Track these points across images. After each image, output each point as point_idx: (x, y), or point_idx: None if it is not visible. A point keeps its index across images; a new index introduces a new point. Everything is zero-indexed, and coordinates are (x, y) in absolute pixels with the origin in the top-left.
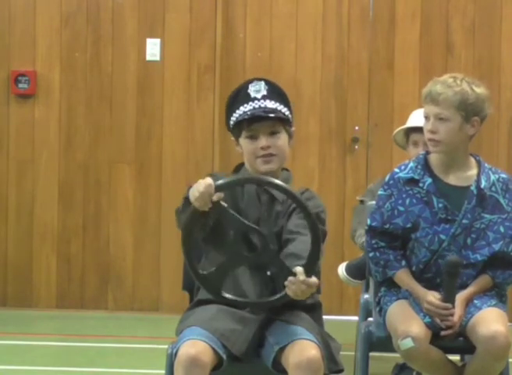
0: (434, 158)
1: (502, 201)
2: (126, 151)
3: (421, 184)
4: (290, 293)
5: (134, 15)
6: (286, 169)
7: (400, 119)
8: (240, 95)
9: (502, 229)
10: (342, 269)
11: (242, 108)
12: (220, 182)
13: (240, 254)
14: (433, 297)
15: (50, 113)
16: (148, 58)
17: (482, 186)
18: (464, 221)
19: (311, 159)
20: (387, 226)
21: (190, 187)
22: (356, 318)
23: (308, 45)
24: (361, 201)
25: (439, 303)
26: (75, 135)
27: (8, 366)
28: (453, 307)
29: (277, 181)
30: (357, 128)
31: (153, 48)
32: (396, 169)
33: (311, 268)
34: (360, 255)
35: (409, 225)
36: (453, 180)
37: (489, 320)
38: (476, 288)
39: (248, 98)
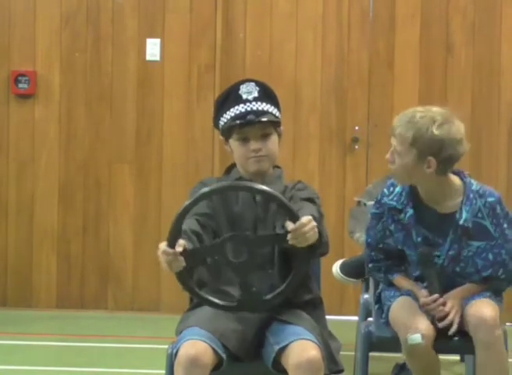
0: (420, 187)
1: (489, 227)
2: (126, 151)
3: (402, 215)
4: (301, 243)
5: (134, 15)
6: (278, 167)
7: None
8: (231, 96)
9: (490, 256)
10: (336, 268)
11: (233, 109)
12: (168, 238)
13: (241, 263)
14: (422, 296)
15: (50, 113)
16: (148, 58)
17: (462, 220)
18: (451, 252)
19: (311, 159)
20: (380, 245)
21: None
22: (356, 318)
23: (308, 45)
24: (358, 202)
25: (427, 299)
26: (75, 135)
27: (8, 366)
28: (441, 296)
29: (217, 185)
30: (357, 128)
31: (153, 48)
32: (385, 191)
33: (292, 216)
34: (357, 255)
35: (399, 246)
36: (438, 207)
37: (478, 307)
38: (468, 287)
39: (239, 100)
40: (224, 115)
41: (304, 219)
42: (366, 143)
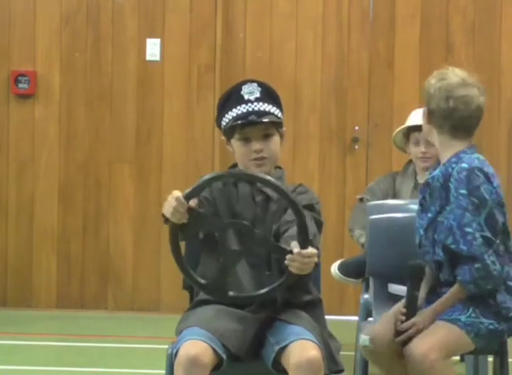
0: None
1: (452, 191)
2: (126, 151)
3: None
4: (293, 270)
5: (134, 15)
6: (279, 167)
7: (399, 119)
8: (233, 97)
9: (445, 221)
10: (335, 268)
11: (235, 110)
12: (188, 191)
13: (232, 251)
14: (400, 304)
15: (50, 113)
16: (148, 58)
17: (429, 178)
18: (429, 215)
19: (311, 159)
20: None
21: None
22: (356, 318)
23: (308, 45)
24: (361, 199)
25: (397, 309)
26: (75, 135)
27: (8, 366)
28: (412, 314)
29: (245, 172)
30: (357, 128)
31: (153, 48)
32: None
33: (305, 240)
34: (356, 255)
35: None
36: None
37: (420, 337)
38: (443, 301)
39: (241, 100)
40: (226, 115)
41: (311, 250)
42: (366, 143)
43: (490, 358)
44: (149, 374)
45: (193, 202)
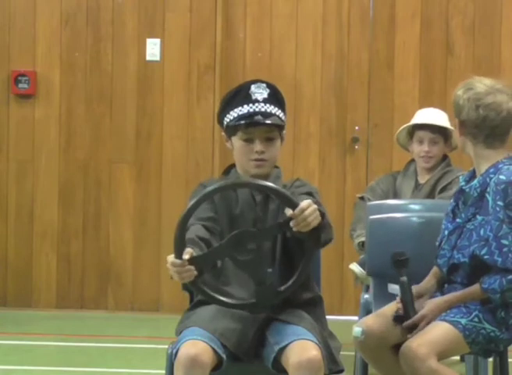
0: None
1: (490, 202)
2: (126, 151)
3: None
4: (304, 229)
5: (134, 15)
6: (276, 166)
7: (400, 119)
8: (241, 95)
9: (482, 231)
10: (356, 266)
11: (241, 108)
12: (174, 249)
13: (242, 261)
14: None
15: (50, 113)
16: (148, 58)
17: (465, 186)
18: (458, 220)
19: (311, 159)
20: None
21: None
22: (356, 318)
23: (308, 45)
24: (361, 198)
25: (396, 303)
26: (75, 135)
27: (8, 366)
28: (408, 305)
29: (242, 180)
30: (357, 128)
31: (153, 48)
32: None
33: (291, 203)
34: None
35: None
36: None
37: (420, 334)
38: (457, 296)
39: (249, 99)
40: (231, 112)
41: (304, 203)
42: (366, 143)
43: (490, 359)
44: (149, 374)
45: (187, 254)
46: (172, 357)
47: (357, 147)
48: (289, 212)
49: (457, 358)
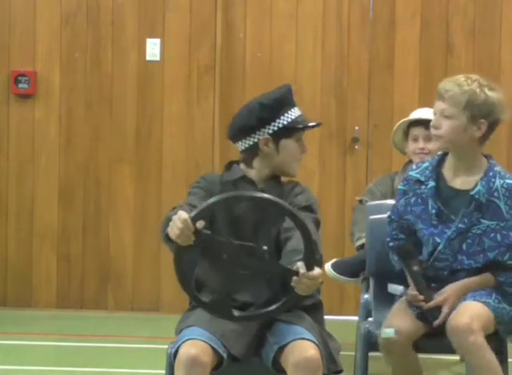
0: (447, 161)
1: (502, 207)
2: (126, 151)
3: (423, 187)
4: (299, 291)
5: (134, 15)
6: None
7: (399, 120)
8: (288, 99)
9: (499, 237)
10: (328, 266)
11: (290, 112)
12: (195, 212)
13: (237, 274)
14: (411, 291)
15: (50, 113)
16: (148, 58)
17: (474, 191)
18: (460, 225)
19: (311, 159)
20: (401, 221)
21: (174, 208)
22: (356, 318)
23: (308, 45)
24: (360, 201)
25: (410, 292)
26: (75, 135)
27: (8, 366)
28: (426, 293)
29: (255, 193)
30: (357, 128)
31: (153, 48)
32: (414, 166)
33: (310, 261)
34: (349, 256)
35: (414, 220)
36: (458, 183)
37: (461, 310)
38: (472, 281)
39: (293, 104)
40: (282, 117)
41: (317, 272)
42: (366, 143)
43: None
44: (149, 374)
45: (199, 224)
46: (171, 357)
47: (357, 147)
48: (302, 269)
49: (457, 358)
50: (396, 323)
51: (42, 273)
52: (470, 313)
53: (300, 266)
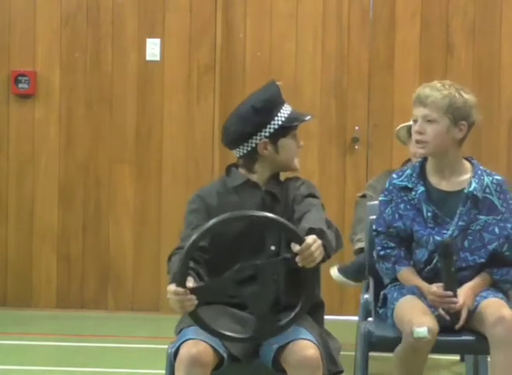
0: (429, 166)
1: (496, 202)
2: (126, 151)
3: (413, 192)
4: (303, 263)
5: (134, 15)
6: None
7: (399, 120)
8: (278, 97)
9: (497, 230)
10: (335, 271)
11: (283, 111)
12: (176, 278)
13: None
14: (436, 287)
15: (50, 113)
16: (148, 58)
17: (471, 188)
18: (461, 223)
19: (311, 159)
20: (391, 229)
21: (177, 248)
22: (356, 318)
23: (308, 45)
24: (363, 196)
25: (441, 291)
26: (75, 135)
27: (8, 366)
28: (455, 293)
29: (223, 216)
30: (357, 128)
31: (153, 48)
32: (394, 175)
33: (299, 238)
34: (352, 261)
35: (408, 225)
36: (445, 186)
37: (497, 305)
38: (478, 281)
39: (283, 101)
40: (276, 118)
41: (309, 239)
42: (366, 143)
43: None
44: (149, 374)
45: (189, 282)
46: (171, 356)
47: (357, 147)
48: (295, 247)
49: (457, 358)
50: (426, 322)
51: (42, 273)
52: (507, 307)
53: (293, 246)
